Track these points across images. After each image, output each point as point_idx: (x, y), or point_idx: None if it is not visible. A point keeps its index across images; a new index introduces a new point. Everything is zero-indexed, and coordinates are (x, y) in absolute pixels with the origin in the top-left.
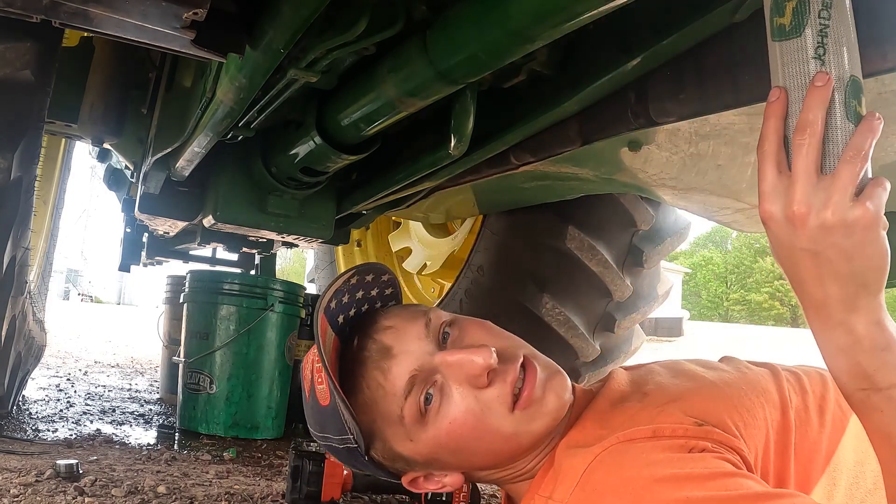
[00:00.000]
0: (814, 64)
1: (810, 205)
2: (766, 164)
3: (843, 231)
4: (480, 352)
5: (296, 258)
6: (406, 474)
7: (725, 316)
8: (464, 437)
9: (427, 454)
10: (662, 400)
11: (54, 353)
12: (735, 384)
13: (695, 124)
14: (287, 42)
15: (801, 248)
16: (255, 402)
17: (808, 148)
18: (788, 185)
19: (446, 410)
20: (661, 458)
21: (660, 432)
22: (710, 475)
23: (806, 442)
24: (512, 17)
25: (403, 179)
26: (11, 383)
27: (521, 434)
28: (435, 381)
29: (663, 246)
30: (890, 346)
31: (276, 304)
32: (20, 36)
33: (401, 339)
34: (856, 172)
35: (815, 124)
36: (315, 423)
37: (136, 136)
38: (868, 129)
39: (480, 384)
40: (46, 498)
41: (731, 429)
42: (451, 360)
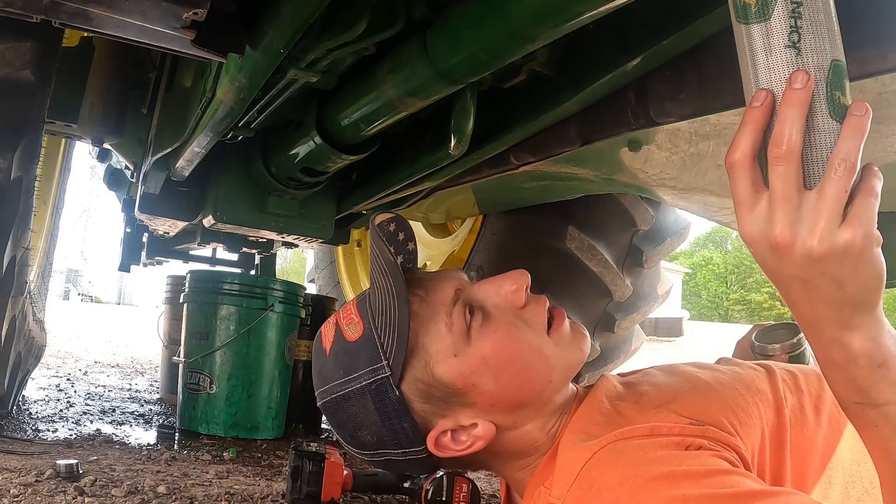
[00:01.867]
0: (788, 53)
1: (794, 232)
2: (739, 180)
3: (833, 260)
4: (513, 274)
5: (296, 258)
6: (434, 427)
7: (725, 316)
8: (506, 351)
9: (469, 374)
10: (658, 401)
11: (54, 353)
12: (729, 384)
13: (695, 124)
14: (287, 42)
15: (789, 274)
16: (255, 402)
17: (787, 165)
18: (767, 207)
19: (489, 325)
20: (659, 455)
21: (657, 430)
22: (707, 472)
23: (802, 441)
24: (512, 17)
25: (403, 179)
26: (11, 383)
27: (554, 359)
28: (478, 301)
29: (663, 246)
30: (886, 362)
31: (276, 304)
32: (20, 36)
33: (438, 274)
34: (843, 189)
35: (794, 136)
36: (339, 370)
37: (136, 136)
38: (854, 131)
39: (518, 302)
40: (46, 498)
41: (727, 427)
42: (489, 284)
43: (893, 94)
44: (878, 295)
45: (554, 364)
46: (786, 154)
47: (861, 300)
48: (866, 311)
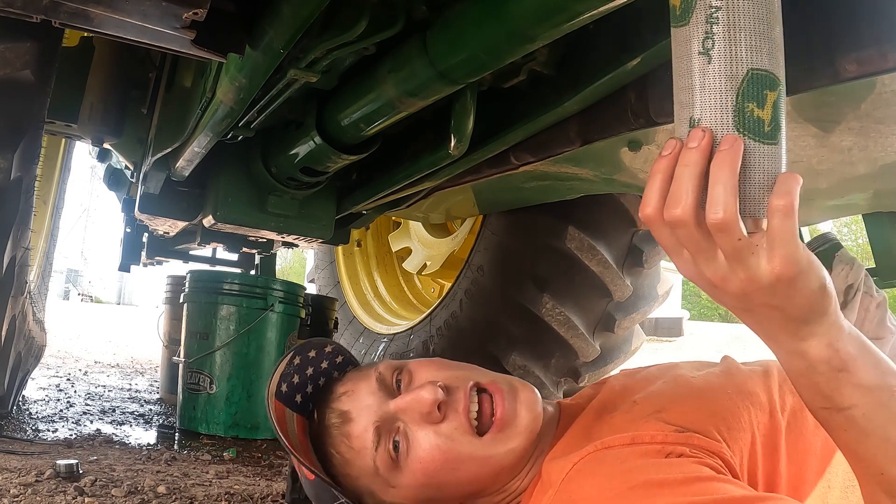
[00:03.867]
0: (699, 61)
1: (720, 274)
2: (658, 234)
3: (764, 292)
4: (425, 389)
5: (296, 258)
6: None
7: (725, 316)
8: (439, 473)
9: (414, 497)
10: (648, 409)
11: (54, 353)
12: (721, 388)
13: None
14: (287, 42)
15: (731, 306)
16: (255, 402)
17: (683, 227)
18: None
19: (415, 452)
20: (637, 464)
21: (638, 439)
22: (685, 480)
23: (800, 443)
24: (512, 17)
25: (403, 179)
26: (11, 383)
27: (497, 455)
28: (398, 428)
29: None
30: (846, 366)
31: (276, 304)
32: (20, 36)
33: (355, 400)
34: (734, 232)
35: (688, 198)
36: (313, 497)
37: (136, 136)
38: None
39: (434, 419)
40: (46, 498)
41: (712, 434)
42: (403, 405)
43: (893, 94)
44: (824, 306)
45: (500, 460)
46: (679, 216)
47: (806, 316)
48: (815, 322)
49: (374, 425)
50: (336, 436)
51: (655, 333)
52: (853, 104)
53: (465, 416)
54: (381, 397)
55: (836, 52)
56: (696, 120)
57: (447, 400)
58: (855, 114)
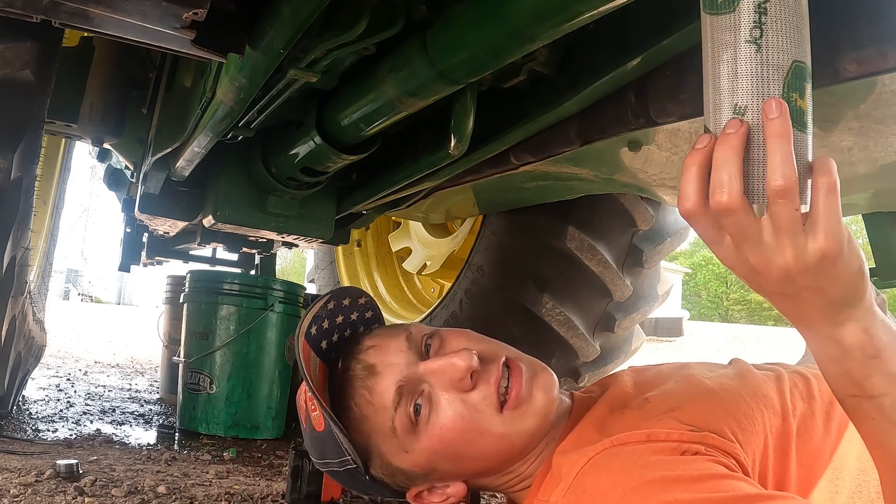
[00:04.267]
0: (748, 49)
1: (764, 257)
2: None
3: (809, 273)
4: (460, 355)
5: (296, 258)
6: (409, 489)
7: (725, 316)
8: (456, 442)
9: (424, 464)
10: (662, 408)
11: (54, 353)
12: (734, 390)
13: (695, 124)
14: (287, 42)
15: (771, 292)
16: (255, 402)
17: (731, 202)
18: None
19: (436, 417)
20: (653, 460)
21: (654, 436)
22: (700, 477)
23: (809, 448)
24: (512, 17)
25: (403, 179)
26: (11, 383)
27: (512, 434)
28: (422, 391)
29: (663, 246)
30: (880, 353)
31: (276, 304)
32: (20, 36)
33: (383, 355)
34: (792, 208)
35: (732, 179)
36: (314, 451)
37: (136, 136)
38: (776, 139)
39: (465, 387)
40: (46, 498)
41: (727, 434)
42: (434, 367)
43: (893, 94)
44: (862, 289)
45: (513, 439)
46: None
47: (846, 298)
48: (854, 305)
49: (397, 384)
50: (358, 388)
51: (655, 333)
52: (853, 104)
53: (495, 389)
54: (410, 357)
55: (836, 52)
56: (741, 107)
57: (480, 370)
58: (855, 114)
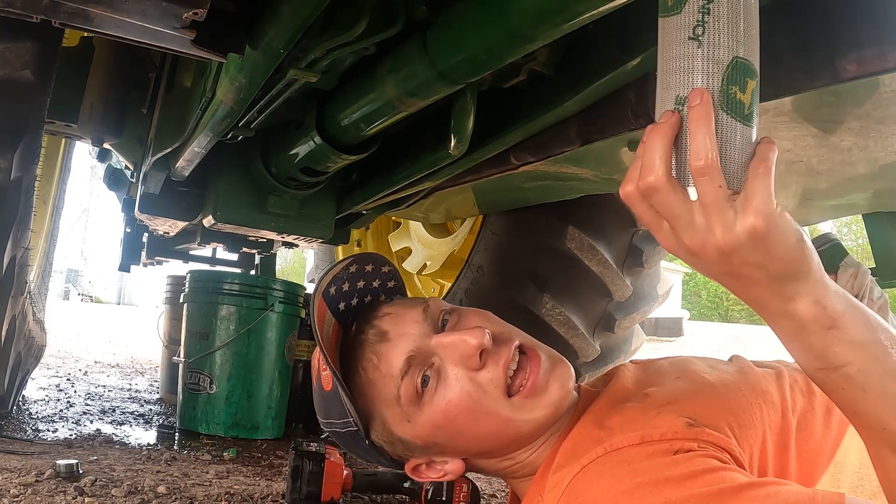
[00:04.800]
0: (689, 45)
1: (699, 238)
2: (638, 208)
3: (743, 249)
4: (473, 332)
5: (296, 258)
6: (408, 461)
7: (725, 316)
8: (459, 419)
9: (425, 436)
10: (661, 402)
11: (54, 353)
12: (734, 385)
13: None
14: (287, 42)
15: (715, 272)
16: (255, 402)
17: (657, 181)
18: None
19: (442, 391)
20: (644, 465)
21: (647, 437)
22: (691, 474)
23: (810, 444)
24: (512, 17)
25: (403, 179)
26: (11, 383)
27: (519, 421)
28: (432, 364)
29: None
30: (836, 323)
31: (276, 304)
32: (20, 36)
33: (398, 324)
34: (715, 185)
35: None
36: (321, 410)
37: (136, 136)
38: (696, 123)
39: (473, 365)
40: (46, 498)
41: (724, 429)
42: (446, 342)
43: (893, 94)
44: (806, 263)
45: (520, 426)
46: (653, 183)
47: (790, 272)
48: (800, 278)
49: (407, 353)
50: (368, 352)
51: (655, 333)
52: (853, 104)
53: (503, 371)
54: (425, 329)
55: (836, 52)
56: (682, 98)
57: (491, 350)
58: (855, 114)
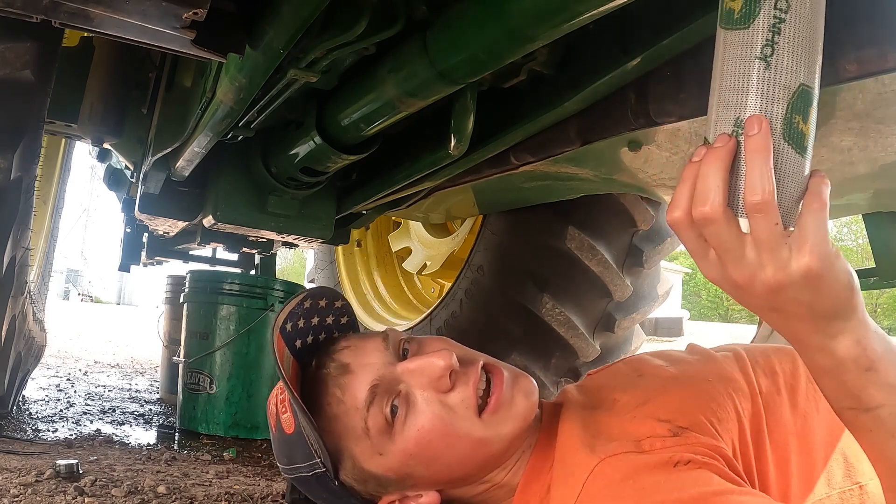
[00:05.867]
0: (757, 66)
1: (747, 272)
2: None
3: (793, 288)
4: (440, 354)
5: (296, 258)
6: (381, 499)
7: (725, 316)
8: (433, 445)
9: (398, 468)
10: (632, 404)
11: (54, 353)
12: (700, 377)
13: (695, 124)
14: (287, 42)
15: (757, 306)
16: (255, 402)
17: (713, 212)
18: (716, 255)
19: (413, 419)
20: (649, 482)
21: (640, 447)
22: (700, 496)
23: (779, 424)
24: (512, 17)
25: (403, 179)
26: (11, 383)
27: (491, 438)
28: (399, 392)
29: (663, 246)
30: (874, 365)
31: (276, 304)
32: (20, 36)
33: (359, 355)
34: (772, 222)
35: (715, 191)
36: (283, 455)
37: (136, 136)
38: (753, 154)
39: (443, 387)
40: (46, 498)
41: (707, 429)
42: (413, 367)
43: (893, 94)
44: (852, 302)
45: (492, 444)
46: (709, 213)
47: (835, 311)
48: (844, 318)
49: (371, 384)
50: (331, 386)
51: (655, 333)
52: (853, 104)
53: (473, 390)
54: (387, 357)
55: (837, 52)
56: (742, 121)
57: (459, 371)
58: (855, 114)
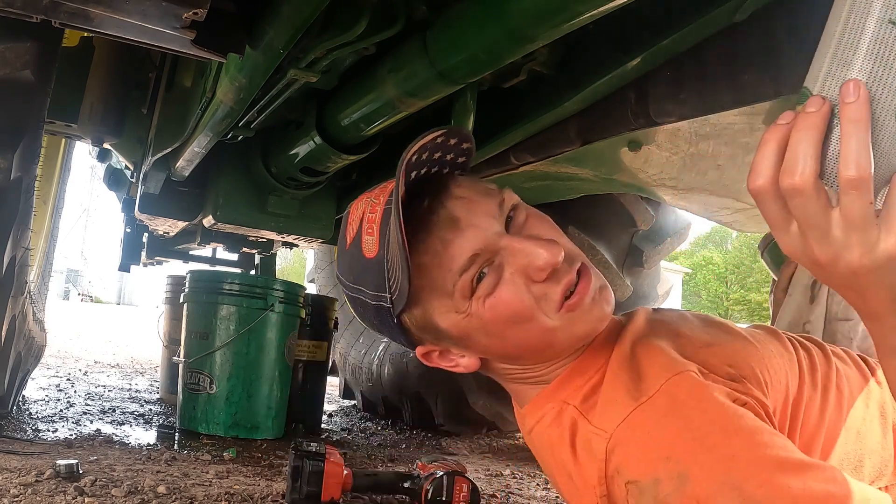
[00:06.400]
0: (886, 29)
1: (831, 251)
2: (766, 206)
3: (879, 271)
4: (550, 248)
5: (296, 258)
6: (423, 345)
7: (725, 316)
8: (505, 321)
9: (464, 329)
10: (697, 343)
11: (54, 353)
12: (765, 342)
13: (695, 124)
14: (287, 42)
15: (838, 284)
16: (255, 402)
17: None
18: (799, 229)
19: (498, 292)
20: (712, 406)
21: (705, 370)
22: (757, 430)
23: (809, 419)
24: (512, 17)
25: None
26: (11, 383)
27: (560, 332)
28: (493, 261)
29: (663, 246)
30: None
31: (276, 304)
32: (20, 36)
33: (470, 213)
34: (866, 202)
35: (806, 160)
36: (349, 272)
37: (136, 136)
38: (852, 125)
39: (538, 278)
40: (46, 498)
41: (761, 384)
42: (519, 247)
43: None
44: None
45: (558, 337)
46: (799, 184)
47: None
48: None
49: (474, 250)
50: (434, 236)
51: None
52: None
53: (562, 291)
54: (497, 226)
55: None
56: (858, 84)
57: (559, 268)
58: None
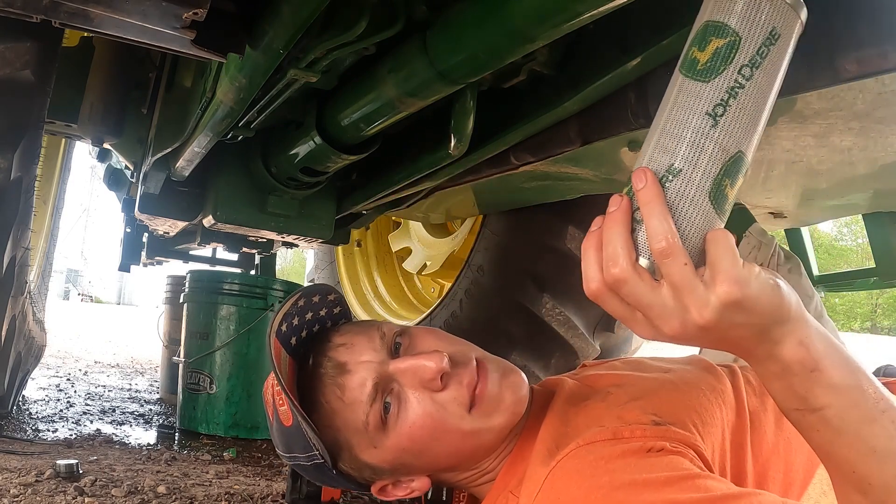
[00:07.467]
0: (705, 122)
1: (676, 322)
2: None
3: (724, 320)
4: (432, 357)
5: (296, 258)
6: (374, 483)
7: None
8: (424, 439)
9: (392, 459)
10: (624, 399)
11: (54, 353)
12: (694, 384)
13: None
14: (287, 42)
15: (702, 344)
16: (255, 402)
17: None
18: (642, 315)
19: (405, 415)
20: (621, 464)
21: (619, 434)
22: (668, 479)
23: (763, 442)
24: (512, 17)
25: (403, 179)
26: (11, 383)
27: (480, 431)
28: (392, 389)
29: None
30: (818, 365)
31: (276, 304)
32: (20, 36)
33: (354, 354)
34: (681, 263)
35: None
36: (282, 445)
37: (136, 136)
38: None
39: (435, 387)
40: (46, 498)
41: (688, 427)
42: (404, 367)
43: (893, 94)
44: (785, 305)
45: (481, 436)
46: (619, 274)
47: (771, 320)
48: (781, 322)
49: (373, 380)
50: (329, 385)
51: None
52: (853, 104)
53: (467, 391)
54: (380, 356)
55: (836, 52)
56: (676, 170)
57: (451, 372)
58: (855, 114)
